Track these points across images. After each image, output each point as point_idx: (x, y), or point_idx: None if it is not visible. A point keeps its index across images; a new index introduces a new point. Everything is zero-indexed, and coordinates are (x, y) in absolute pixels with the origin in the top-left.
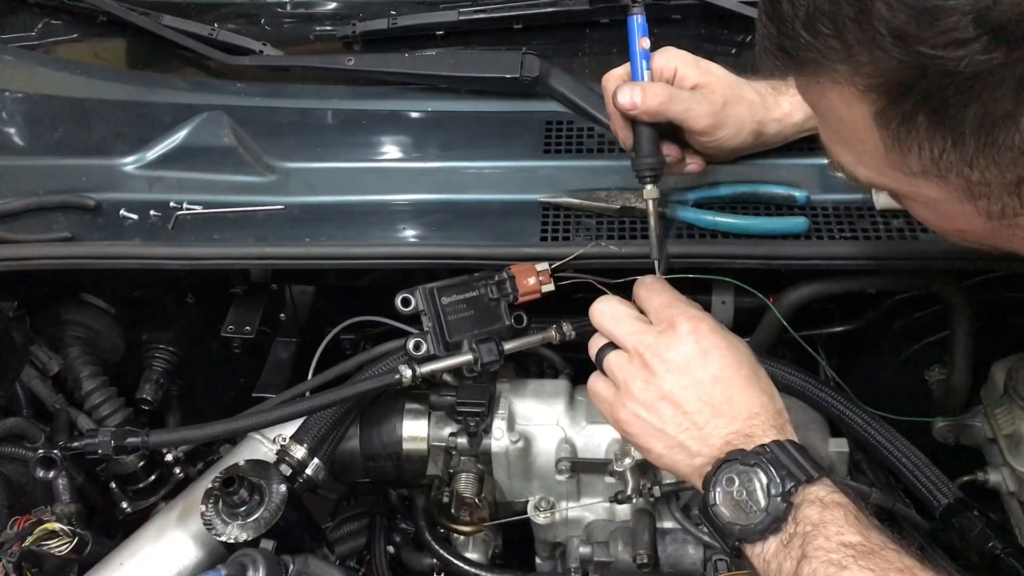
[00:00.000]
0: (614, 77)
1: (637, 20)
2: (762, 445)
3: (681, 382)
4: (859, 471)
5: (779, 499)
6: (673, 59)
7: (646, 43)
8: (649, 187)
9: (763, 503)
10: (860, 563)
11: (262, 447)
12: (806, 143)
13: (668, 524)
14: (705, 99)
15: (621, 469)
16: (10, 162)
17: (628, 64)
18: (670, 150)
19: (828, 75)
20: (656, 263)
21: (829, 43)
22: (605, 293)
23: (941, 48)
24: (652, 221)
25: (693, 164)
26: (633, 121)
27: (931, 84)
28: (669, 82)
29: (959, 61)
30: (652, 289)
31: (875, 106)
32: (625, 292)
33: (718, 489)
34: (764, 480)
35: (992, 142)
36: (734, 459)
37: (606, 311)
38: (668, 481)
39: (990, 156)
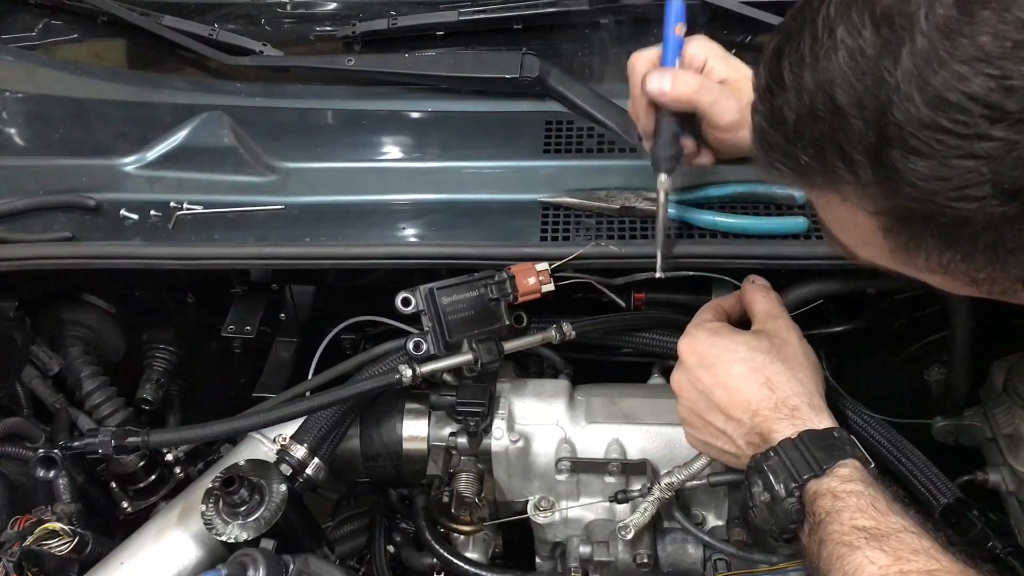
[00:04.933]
0: (644, 59)
1: (675, 3)
2: (770, 448)
3: (692, 396)
4: None
5: (788, 500)
6: (704, 49)
7: (681, 29)
8: (663, 177)
9: (777, 505)
10: (872, 544)
11: (262, 447)
12: None
13: (668, 524)
14: (733, 95)
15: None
16: (10, 162)
17: (658, 47)
18: (687, 141)
19: (835, 193)
20: (658, 254)
21: (839, 173)
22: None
23: (955, 200)
24: (661, 212)
25: (704, 157)
26: (657, 108)
27: (943, 221)
28: (698, 72)
29: (973, 212)
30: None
31: (883, 223)
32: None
33: (751, 491)
34: (773, 484)
35: (1003, 260)
36: (754, 463)
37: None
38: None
39: (999, 267)
